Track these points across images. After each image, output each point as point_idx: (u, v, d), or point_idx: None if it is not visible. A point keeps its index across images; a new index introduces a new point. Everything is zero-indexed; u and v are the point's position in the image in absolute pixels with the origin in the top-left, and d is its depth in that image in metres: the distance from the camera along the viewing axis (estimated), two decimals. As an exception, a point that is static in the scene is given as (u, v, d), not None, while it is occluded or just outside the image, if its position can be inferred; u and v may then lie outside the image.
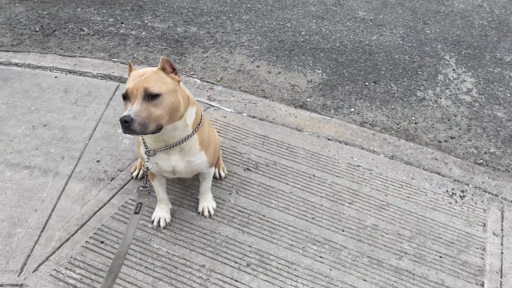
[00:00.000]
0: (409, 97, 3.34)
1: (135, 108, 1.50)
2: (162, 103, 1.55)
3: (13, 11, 3.97)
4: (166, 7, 4.29)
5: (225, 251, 2.04)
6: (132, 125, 1.47)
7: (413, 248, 2.17)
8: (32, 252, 1.94)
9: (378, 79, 3.50)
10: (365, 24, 4.26)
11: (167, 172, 1.89)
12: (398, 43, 4.00)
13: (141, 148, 1.85)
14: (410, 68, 3.66)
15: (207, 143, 1.89)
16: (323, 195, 2.40)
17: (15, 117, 2.66)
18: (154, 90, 1.52)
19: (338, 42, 3.94)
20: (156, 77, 1.57)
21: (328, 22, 4.25)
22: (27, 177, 2.29)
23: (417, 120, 3.13)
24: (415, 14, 4.52)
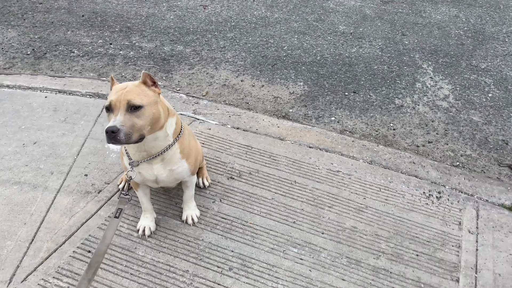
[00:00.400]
0: (387, 105, 3.46)
1: (119, 119, 1.60)
2: (144, 114, 1.66)
3: (5, 36, 4.10)
4: (153, 27, 4.44)
5: (208, 256, 2.12)
6: (118, 135, 1.56)
7: (391, 247, 2.26)
8: (21, 263, 2.01)
9: (357, 89, 3.63)
10: (345, 37, 4.42)
11: (150, 181, 1.98)
12: (377, 54, 4.15)
13: (124, 159, 1.94)
14: (388, 78, 3.80)
15: (188, 152, 1.99)
16: (304, 200, 2.49)
17: (5, 136, 2.75)
18: (136, 102, 1.63)
19: (319, 55, 4.08)
20: (138, 90, 1.68)
21: (309, 37, 4.40)
22: (17, 193, 2.37)
23: (395, 126, 3.24)
24: (394, 26, 4.69)
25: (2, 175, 2.47)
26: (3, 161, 2.56)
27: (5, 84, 3.28)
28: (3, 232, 2.15)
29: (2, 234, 2.13)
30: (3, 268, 1.98)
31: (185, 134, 1.99)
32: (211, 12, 4.83)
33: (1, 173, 2.49)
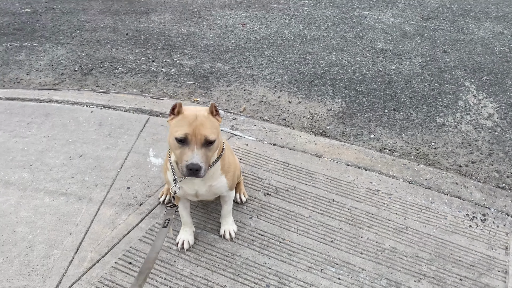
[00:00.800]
0: (428, 123, 3.39)
1: (198, 155, 1.68)
2: (214, 147, 1.77)
3: (55, 54, 4.33)
4: (194, 45, 4.57)
5: (245, 272, 2.13)
6: (200, 172, 1.68)
7: (432, 270, 2.19)
8: (67, 272, 2.08)
9: (397, 106, 3.58)
10: (384, 54, 4.38)
11: (190, 195, 2.03)
12: (417, 71, 4.09)
13: (168, 174, 2.00)
14: (429, 95, 3.73)
15: (227, 168, 2.03)
16: (342, 219, 2.47)
17: (54, 149, 2.89)
18: (212, 138, 1.72)
19: (357, 72, 4.07)
20: (209, 123, 1.75)
21: (347, 54, 4.40)
22: (63, 203, 2.48)
23: (437, 145, 3.17)
24: (435, 43, 4.61)
25: (50, 186, 2.59)
26: (52, 173, 2.69)
27: (55, 99, 3.46)
28: (50, 241, 2.24)
29: (49, 243, 2.23)
30: (50, 276, 2.06)
31: (226, 150, 2.03)
32: (250, 30, 4.92)
33: (50, 184, 2.61)
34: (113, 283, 2.04)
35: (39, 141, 2.96)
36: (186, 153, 1.69)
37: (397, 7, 5.66)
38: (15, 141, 2.95)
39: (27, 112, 3.27)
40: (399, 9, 5.61)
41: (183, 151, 1.71)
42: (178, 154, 1.73)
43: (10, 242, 2.22)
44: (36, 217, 2.38)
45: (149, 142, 2.99)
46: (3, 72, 3.97)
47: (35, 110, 3.30)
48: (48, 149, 2.89)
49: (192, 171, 1.66)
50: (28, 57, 4.25)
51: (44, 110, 3.31)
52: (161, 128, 3.13)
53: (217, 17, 5.28)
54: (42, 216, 2.38)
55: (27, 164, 2.75)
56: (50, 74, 3.97)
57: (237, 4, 5.70)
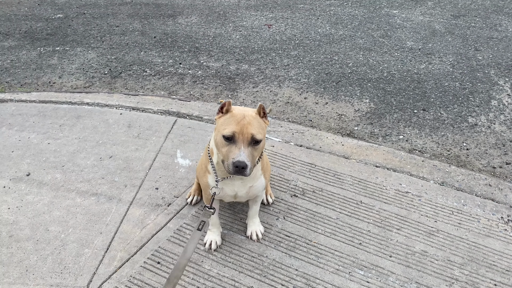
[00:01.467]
0: (460, 124, 3.30)
1: (245, 153, 1.68)
2: (260, 147, 1.77)
3: (86, 57, 4.45)
4: (220, 47, 4.60)
5: (272, 273, 2.12)
6: (246, 170, 1.67)
7: (465, 275, 2.12)
8: (97, 271, 2.13)
9: (427, 106, 3.50)
10: (413, 53, 4.29)
11: (229, 197, 2.04)
12: (448, 70, 3.98)
13: (209, 177, 2.01)
14: (461, 95, 3.62)
15: (265, 167, 2.06)
16: (370, 221, 2.42)
17: (85, 150, 2.96)
18: (259, 137, 1.72)
19: (385, 72, 4.00)
20: (257, 123, 1.75)
21: (375, 53, 4.33)
22: (94, 203, 2.53)
23: (468, 146, 3.07)
24: (466, 41, 4.48)
25: (82, 186, 2.66)
26: (83, 174, 2.76)
27: (85, 101, 3.55)
28: (81, 240, 2.30)
29: (81, 242, 2.28)
30: (82, 274, 2.11)
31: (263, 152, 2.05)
32: (275, 31, 4.92)
33: (81, 184, 2.67)
34: (142, 282, 2.07)
35: (70, 143, 3.04)
36: (232, 151, 1.69)
37: (426, 5, 5.53)
38: (48, 142, 3.04)
39: (60, 114, 3.37)
40: (428, 7, 5.48)
41: (229, 149, 1.71)
42: (224, 152, 1.73)
43: (43, 240, 2.29)
44: (68, 217, 2.44)
45: (177, 143, 3.03)
46: (37, 76, 4.11)
47: (67, 112, 3.40)
48: (79, 150, 2.96)
49: (238, 168, 1.66)
50: (60, 61, 4.38)
51: (75, 112, 3.40)
52: (188, 130, 3.16)
53: (243, 18, 5.30)
54: (73, 216, 2.45)
55: (60, 165, 2.83)
56: (81, 77, 4.07)
57: (263, 5, 5.71)
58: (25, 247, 2.25)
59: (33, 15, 5.54)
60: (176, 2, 5.90)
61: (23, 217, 2.44)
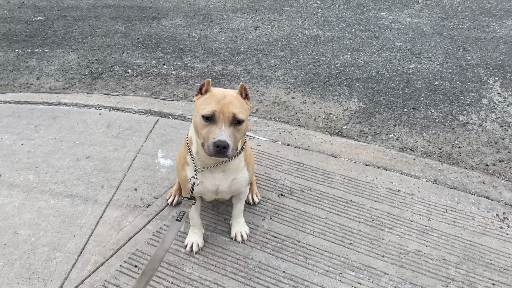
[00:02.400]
0: (451, 122, 3.21)
1: (226, 133, 1.55)
2: (242, 129, 1.63)
3: (66, 59, 4.30)
4: (205, 48, 4.49)
5: (258, 276, 1.98)
6: (228, 151, 1.54)
7: (461, 274, 2.00)
8: (69, 275, 1.97)
9: (417, 105, 3.41)
10: (402, 53, 4.23)
11: (210, 192, 1.89)
12: (437, 70, 3.92)
13: (188, 170, 1.86)
14: (451, 94, 3.55)
15: (249, 159, 1.93)
16: (361, 221, 2.30)
17: (61, 151, 2.81)
18: (240, 116, 1.59)
19: (374, 71, 3.92)
20: (239, 102, 1.63)
21: (363, 53, 4.26)
22: (68, 205, 2.37)
23: (460, 144, 2.99)
24: (454, 42, 4.44)
25: (56, 188, 2.50)
26: (57, 175, 2.60)
27: (63, 102, 3.39)
28: (53, 244, 2.13)
29: (52, 246, 2.12)
30: (52, 279, 1.95)
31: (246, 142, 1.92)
32: (262, 32, 4.83)
33: (55, 186, 2.51)
34: (117, 287, 1.91)
35: (46, 143, 2.88)
36: (213, 131, 1.56)
37: (413, 8, 5.51)
38: (22, 143, 2.87)
39: (35, 115, 3.21)
40: (415, 9, 5.46)
41: (210, 129, 1.58)
42: (204, 133, 1.59)
43: (12, 244, 2.12)
44: (39, 219, 2.28)
45: (158, 143, 2.89)
46: (13, 77, 3.95)
47: (44, 113, 3.24)
48: (55, 151, 2.81)
49: (219, 148, 1.52)
50: (39, 62, 4.22)
51: (52, 113, 3.24)
52: (170, 129, 3.03)
53: (229, 20, 5.21)
54: (46, 218, 2.28)
55: (33, 166, 2.66)
56: (60, 79, 3.92)
57: (249, 8, 5.63)
58: (-10, 252, 2.08)
59: (13, 17, 5.38)
60: (160, 5, 5.80)
61: (-10, 220, 2.27)
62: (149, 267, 1.49)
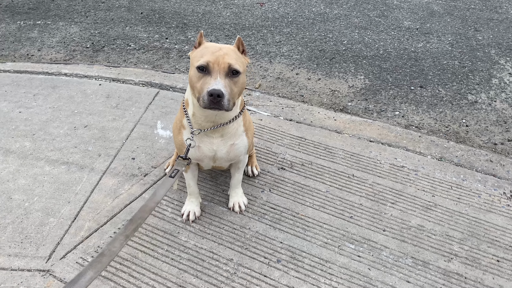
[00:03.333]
0: (459, 101, 3.12)
1: (221, 83, 1.47)
2: (239, 81, 1.56)
3: (68, 31, 4.23)
4: (209, 23, 4.40)
5: (254, 246, 1.93)
6: (223, 100, 1.46)
7: (465, 250, 1.94)
8: (62, 241, 1.93)
9: (424, 83, 3.32)
10: (410, 32, 4.12)
11: (207, 158, 1.82)
12: (447, 49, 3.81)
13: (184, 133, 1.80)
14: (460, 73, 3.45)
15: (248, 125, 1.86)
16: (362, 195, 2.24)
17: (59, 119, 2.76)
18: (236, 67, 1.52)
19: (381, 49, 3.82)
20: (235, 54, 1.56)
21: (371, 32, 4.15)
22: (64, 172, 2.33)
23: (468, 123, 2.90)
24: (465, 22, 4.31)
25: (52, 155, 2.45)
26: (54, 142, 2.55)
27: (63, 72, 3.33)
28: (47, 209, 2.09)
29: (46, 211, 2.08)
30: (44, 244, 1.91)
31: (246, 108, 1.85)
32: (268, 9, 4.72)
33: (51, 153, 2.47)
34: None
35: (44, 112, 2.83)
36: (207, 82, 1.49)
37: (424, -12, 5.36)
38: (20, 111, 2.82)
39: (34, 84, 3.15)
40: (426, -10, 5.31)
41: (204, 80, 1.51)
42: (199, 86, 1.52)
43: (5, 209, 2.08)
44: (34, 185, 2.23)
45: (158, 114, 2.82)
46: (14, 48, 3.88)
47: (43, 82, 3.18)
48: (52, 120, 2.75)
49: (213, 97, 1.44)
50: (40, 34, 4.16)
51: (51, 82, 3.18)
52: (170, 102, 2.96)
53: (234, -3, 5.10)
54: (40, 184, 2.24)
55: (30, 134, 2.62)
56: (61, 51, 3.86)
57: (256, -14, 5.51)
58: (-17, 216, 2.04)
59: (16, -10, 5.30)
60: (166, -19, 5.68)
61: (-16, 185, 2.23)
62: (137, 216, 1.45)
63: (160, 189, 1.57)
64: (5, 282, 1.74)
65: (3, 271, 1.78)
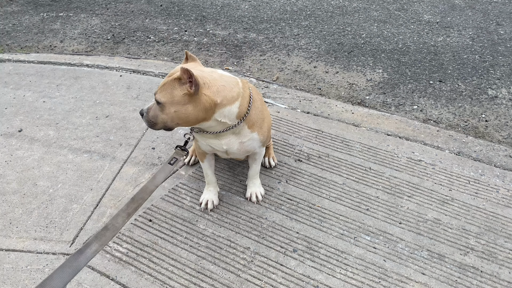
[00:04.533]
0: (479, 96, 3.09)
1: (149, 106, 1.68)
2: (164, 111, 1.60)
3: (89, 23, 4.31)
4: (228, 16, 4.42)
5: (271, 235, 1.96)
6: (143, 118, 1.68)
7: (482, 244, 1.94)
8: (84, 226, 2.00)
9: (444, 78, 3.29)
10: (430, 26, 4.07)
11: (220, 152, 1.88)
12: (467, 43, 3.76)
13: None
14: (480, 67, 3.41)
15: (259, 125, 1.81)
16: (379, 188, 2.25)
17: (81, 109, 2.83)
18: (158, 99, 1.59)
19: (400, 43, 3.79)
20: (168, 86, 1.57)
21: (390, 25, 4.11)
22: (86, 160, 2.40)
23: (488, 118, 2.87)
24: (487, 16, 4.24)
25: (75, 143, 2.52)
26: (77, 131, 2.62)
27: (85, 63, 3.41)
28: (70, 196, 2.16)
29: (69, 198, 2.15)
30: (68, 229, 1.98)
31: (254, 108, 1.78)
32: (286, 2, 4.72)
33: (74, 142, 2.54)
34: (131, 239, 1.93)
35: (67, 102, 2.90)
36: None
37: (445, -19, 5.28)
38: (44, 101, 2.91)
39: (58, 74, 3.23)
40: (447, -17, 5.23)
41: None
42: None
43: (30, 194, 2.16)
44: (58, 172, 2.31)
45: (177, 105, 2.87)
46: (38, 39, 3.98)
47: (65, 73, 3.26)
48: (75, 109, 2.83)
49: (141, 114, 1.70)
50: (63, 26, 4.24)
51: (74, 73, 3.26)
52: (190, 93, 3.00)
53: (253, -10, 5.11)
54: (64, 172, 2.31)
55: (54, 123, 2.69)
56: (83, 42, 3.93)
57: (275, -21, 5.50)
58: (10, 201, 2.12)
59: (39, -18, 5.41)
60: (185, -26, 5.72)
61: (11, 171, 2.31)
62: (138, 196, 1.57)
63: (159, 173, 1.68)
64: (32, 264, 1.81)
65: (30, 254, 1.86)
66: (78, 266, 1.25)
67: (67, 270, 1.23)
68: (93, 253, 1.30)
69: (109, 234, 1.38)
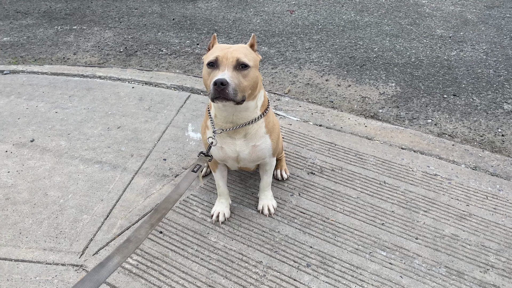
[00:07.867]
0: (494, 110, 3.04)
1: (228, 74, 1.50)
2: (249, 75, 1.57)
3: (102, 36, 4.35)
4: (240, 30, 4.44)
5: (284, 249, 1.92)
6: (227, 88, 1.46)
7: (502, 262, 1.88)
8: (95, 237, 1.97)
9: (458, 92, 3.25)
10: (443, 40, 4.05)
11: (231, 159, 1.85)
12: (481, 58, 3.72)
13: (208, 132, 1.83)
14: (495, 82, 3.36)
15: (271, 127, 1.85)
16: (394, 202, 2.20)
17: (93, 120, 2.83)
18: (245, 60, 1.55)
19: (413, 57, 3.76)
20: (245, 50, 1.61)
21: (402, 39, 4.10)
22: (97, 171, 2.38)
23: (504, 132, 2.82)
24: (501, 31, 4.21)
25: (86, 154, 2.51)
26: (88, 142, 2.62)
27: (98, 75, 3.42)
28: (81, 206, 2.14)
29: (80, 208, 2.13)
30: (78, 239, 1.95)
31: (270, 110, 1.86)
32: (298, 16, 4.74)
33: (85, 152, 2.53)
34: (141, 251, 1.90)
35: (79, 113, 2.91)
36: (215, 75, 1.53)
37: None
38: (56, 111, 2.91)
39: (70, 86, 3.25)
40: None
41: (213, 74, 1.55)
42: (208, 81, 1.58)
43: (41, 204, 2.15)
44: (69, 183, 2.29)
45: (189, 117, 2.86)
46: (51, 51, 4.02)
47: (78, 84, 3.28)
48: (87, 120, 2.83)
49: (217, 86, 1.45)
50: (76, 39, 4.29)
51: (86, 84, 3.27)
52: (201, 105, 3.00)
53: (264, 4, 5.14)
54: (75, 182, 2.30)
55: (65, 133, 2.69)
56: (96, 55, 3.97)
57: (286, -6, 5.54)
58: (21, 210, 2.11)
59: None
60: (197, -11, 5.79)
61: (22, 181, 2.30)
62: (161, 206, 1.51)
63: (183, 182, 1.62)
64: (41, 275, 1.78)
65: (39, 265, 1.83)
66: (99, 280, 1.20)
67: (88, 284, 1.18)
68: (115, 266, 1.25)
69: (131, 246, 1.33)
